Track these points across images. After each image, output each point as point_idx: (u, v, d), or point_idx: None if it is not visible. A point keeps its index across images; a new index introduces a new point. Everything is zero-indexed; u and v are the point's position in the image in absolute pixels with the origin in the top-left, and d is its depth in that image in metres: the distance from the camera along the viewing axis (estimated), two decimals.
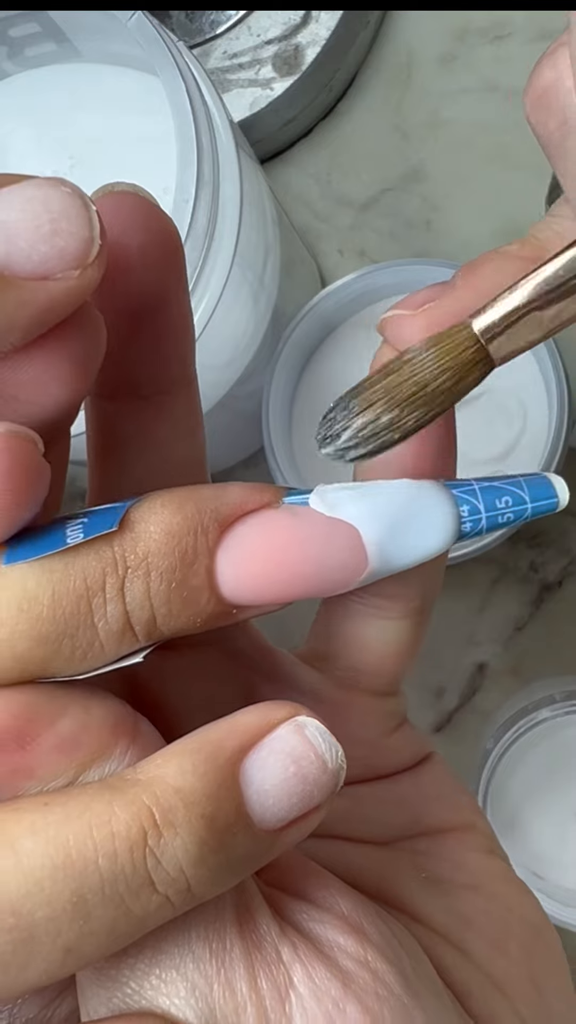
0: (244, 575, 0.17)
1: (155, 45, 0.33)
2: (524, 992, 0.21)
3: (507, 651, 0.49)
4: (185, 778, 0.16)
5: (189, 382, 0.20)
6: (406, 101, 0.51)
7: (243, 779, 0.16)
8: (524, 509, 0.18)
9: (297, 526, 0.17)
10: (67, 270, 0.15)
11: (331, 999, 0.17)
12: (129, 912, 0.15)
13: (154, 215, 0.17)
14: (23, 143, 0.41)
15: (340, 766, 0.17)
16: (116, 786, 0.16)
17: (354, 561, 0.17)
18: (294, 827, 0.17)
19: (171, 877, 0.15)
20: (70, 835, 0.15)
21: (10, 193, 0.15)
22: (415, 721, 0.43)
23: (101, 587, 0.16)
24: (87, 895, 0.15)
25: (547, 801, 0.46)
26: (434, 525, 0.18)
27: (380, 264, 0.45)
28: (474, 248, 0.49)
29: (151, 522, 0.16)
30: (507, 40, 0.50)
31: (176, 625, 0.16)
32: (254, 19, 0.47)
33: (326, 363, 0.47)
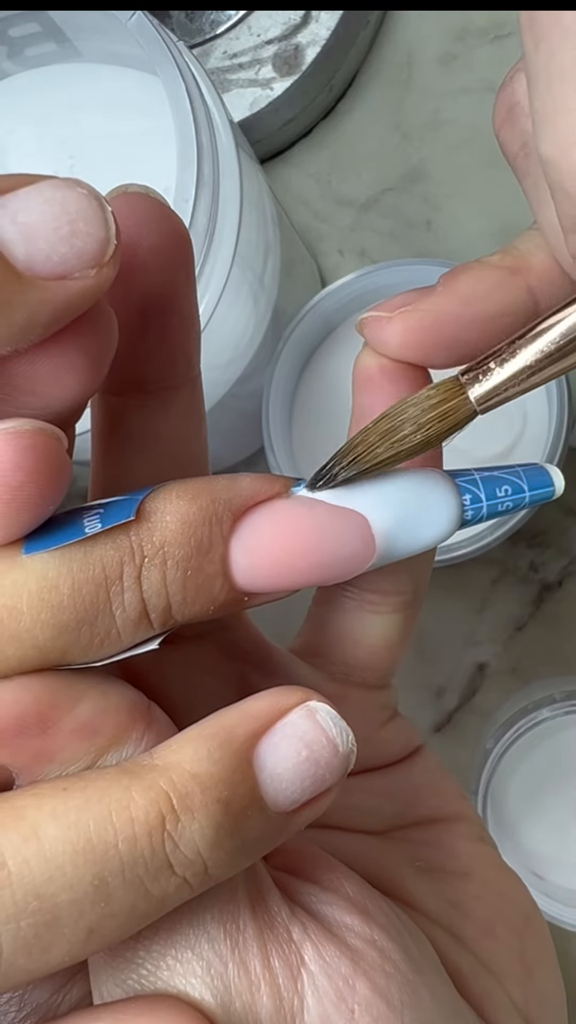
0: (257, 563, 0.17)
1: (155, 45, 0.33)
2: (514, 974, 0.22)
3: (507, 651, 0.49)
4: (201, 763, 0.16)
5: (194, 379, 0.21)
6: (406, 101, 0.51)
7: (257, 763, 0.17)
8: (522, 498, 0.19)
9: (308, 515, 0.17)
10: (84, 269, 0.15)
11: (341, 976, 0.18)
12: (149, 894, 0.16)
13: (166, 216, 0.18)
14: (23, 143, 0.41)
15: (351, 749, 0.17)
16: (134, 771, 0.16)
17: (364, 548, 0.18)
18: (306, 809, 0.17)
19: (189, 860, 0.16)
20: (90, 820, 0.15)
21: (28, 194, 0.15)
22: (415, 721, 0.43)
23: (119, 576, 0.16)
24: (108, 878, 0.15)
25: (547, 801, 0.46)
26: (438, 514, 0.18)
27: (380, 264, 0.45)
28: (474, 248, 0.49)
29: (167, 512, 0.17)
30: (507, 40, 0.50)
31: (190, 612, 0.17)
32: (254, 19, 0.47)
33: (326, 363, 0.47)
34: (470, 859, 0.24)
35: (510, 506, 0.19)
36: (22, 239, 0.15)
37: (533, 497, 0.19)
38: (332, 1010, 0.17)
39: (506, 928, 0.23)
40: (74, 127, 0.40)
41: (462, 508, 0.18)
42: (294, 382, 0.47)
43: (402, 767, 0.25)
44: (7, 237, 0.15)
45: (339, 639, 0.23)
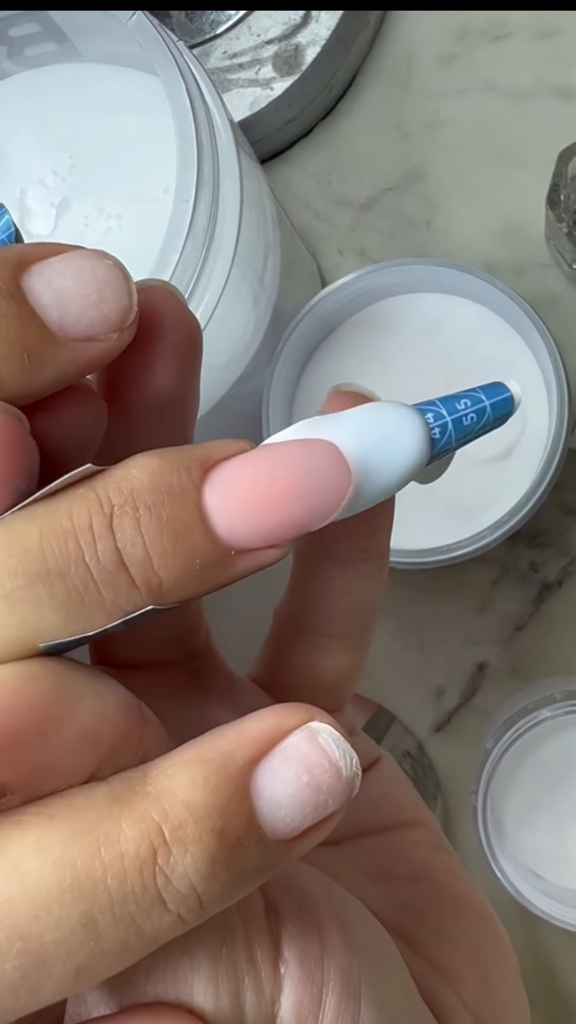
0: (234, 504, 0.16)
1: (155, 45, 0.33)
2: (467, 979, 0.22)
3: (507, 651, 0.49)
4: (195, 791, 0.15)
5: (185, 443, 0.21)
6: (406, 101, 0.51)
7: (255, 790, 0.16)
8: (483, 408, 0.19)
9: (277, 451, 0.17)
10: (109, 332, 0.17)
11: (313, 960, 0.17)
12: (140, 931, 0.15)
13: (181, 318, 0.19)
14: (23, 143, 0.41)
15: (355, 773, 0.17)
16: (125, 799, 0.15)
17: (338, 472, 0.17)
18: (307, 836, 0.16)
19: (182, 895, 0.15)
20: (77, 855, 0.15)
21: (60, 263, 0.16)
22: (415, 721, 0.43)
23: (88, 525, 0.15)
24: (97, 916, 0.15)
25: (547, 801, 0.46)
26: (405, 433, 0.18)
27: (380, 264, 0.45)
28: (474, 248, 0.49)
29: (133, 466, 0.16)
30: (507, 40, 0.50)
31: (175, 569, 0.16)
32: (254, 19, 0.47)
33: (326, 363, 0.47)
34: (423, 865, 0.24)
35: (474, 419, 0.19)
36: (56, 304, 0.16)
37: (494, 405, 0.19)
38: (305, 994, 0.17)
39: (459, 933, 0.23)
40: (74, 127, 0.40)
41: (427, 425, 0.18)
42: (294, 382, 0.47)
43: None
44: (43, 301, 0.16)
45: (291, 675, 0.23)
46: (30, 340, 0.16)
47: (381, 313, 0.46)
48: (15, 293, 0.16)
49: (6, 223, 0.18)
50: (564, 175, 0.43)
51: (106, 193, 0.39)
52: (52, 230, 0.40)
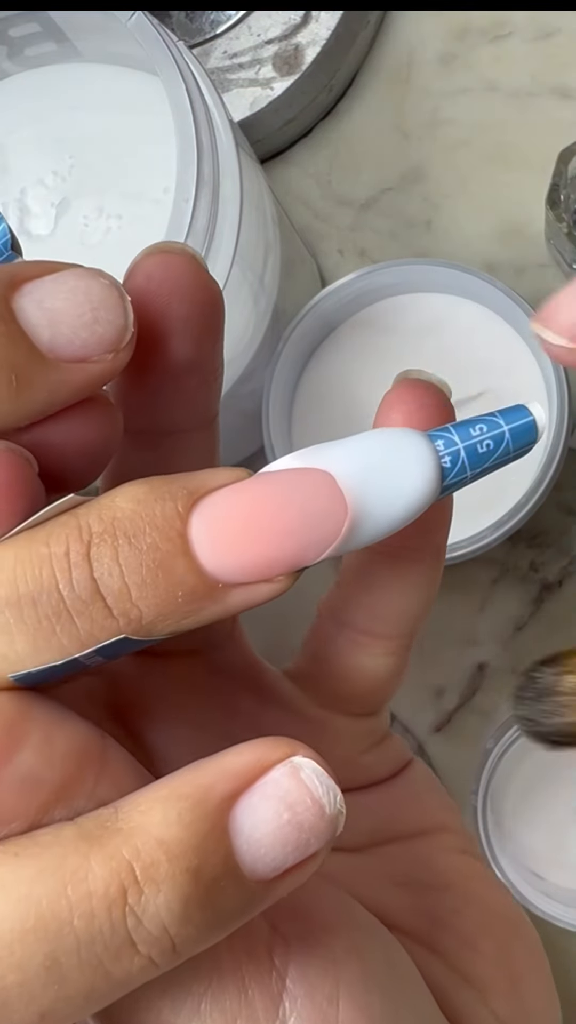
0: (221, 535, 0.15)
1: (155, 45, 0.33)
2: (500, 989, 0.21)
3: (507, 651, 0.49)
4: (170, 828, 0.15)
5: (211, 420, 0.20)
6: (406, 101, 0.51)
7: (233, 827, 0.15)
8: (501, 434, 0.17)
9: (269, 481, 0.16)
10: (103, 354, 0.16)
11: (325, 997, 0.17)
12: (108, 975, 0.14)
13: (201, 282, 0.18)
14: (23, 143, 0.41)
15: (339, 811, 0.16)
16: (94, 836, 0.15)
17: (332, 504, 0.16)
18: (289, 876, 0.16)
19: (153, 937, 0.14)
20: (43, 894, 0.14)
21: (54, 282, 0.16)
22: (415, 721, 0.43)
23: (65, 552, 0.15)
24: (61, 958, 0.14)
25: (547, 801, 0.46)
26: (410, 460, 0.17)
27: (380, 264, 0.45)
28: (474, 248, 0.49)
29: (117, 494, 0.16)
30: (507, 40, 0.50)
31: (155, 601, 0.15)
32: (254, 19, 0.47)
33: (326, 363, 0.47)
34: (451, 872, 0.23)
35: (491, 446, 0.17)
36: (47, 324, 0.16)
37: (515, 433, 0.17)
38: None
39: (490, 941, 0.22)
40: (74, 127, 0.40)
41: (437, 454, 0.17)
42: (294, 382, 0.47)
43: (385, 785, 0.24)
44: (34, 322, 0.16)
45: (329, 672, 0.23)
46: (19, 361, 0.16)
47: (381, 313, 0.46)
48: (4, 313, 0.16)
49: (2, 230, 0.18)
50: (564, 175, 0.43)
51: (106, 193, 0.39)
52: (52, 230, 0.40)
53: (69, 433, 0.17)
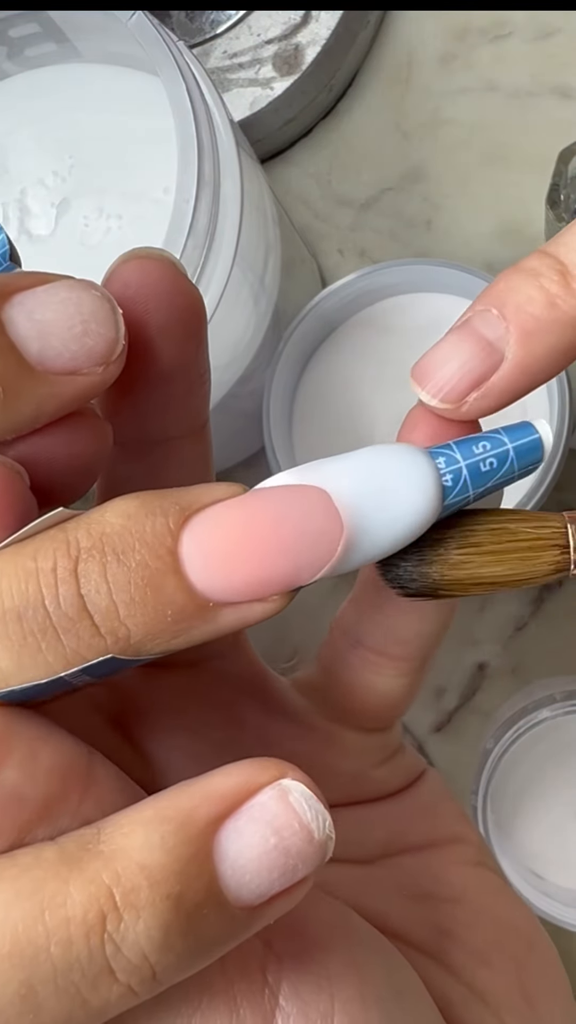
0: (212, 553, 0.15)
1: (155, 45, 0.33)
2: (512, 1004, 0.21)
3: (507, 651, 0.49)
4: (152, 853, 0.14)
5: (202, 427, 0.20)
6: (406, 101, 0.51)
7: (217, 852, 0.15)
8: (505, 452, 0.17)
9: (263, 498, 0.16)
10: (93, 366, 0.16)
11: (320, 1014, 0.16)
12: (86, 1003, 0.14)
13: (179, 287, 0.18)
14: (23, 143, 0.41)
15: (328, 836, 0.15)
16: (75, 859, 0.14)
17: (328, 522, 0.16)
18: (276, 902, 0.15)
19: (133, 965, 0.14)
20: (19, 919, 0.13)
21: (45, 293, 0.16)
22: (415, 721, 0.43)
23: (52, 568, 0.15)
24: (37, 986, 0.13)
25: (547, 801, 0.46)
26: (410, 479, 0.16)
27: (380, 264, 0.45)
28: (474, 248, 0.49)
29: (107, 510, 0.15)
30: (507, 40, 0.50)
31: (144, 619, 0.15)
32: (254, 19, 0.47)
33: (327, 363, 0.47)
34: (463, 884, 0.22)
35: (494, 464, 0.17)
36: (37, 336, 0.16)
37: (517, 449, 0.17)
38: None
39: (503, 956, 0.21)
40: (74, 127, 0.40)
41: (437, 471, 0.16)
42: (294, 382, 0.47)
43: (395, 796, 0.24)
44: (23, 333, 0.15)
45: (339, 687, 0.22)
46: (6, 373, 0.15)
47: (381, 313, 0.46)
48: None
49: (1, 240, 0.18)
50: (564, 175, 0.43)
51: (106, 193, 0.39)
52: (52, 230, 0.40)
53: (57, 447, 0.17)
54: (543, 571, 0.18)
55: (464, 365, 0.18)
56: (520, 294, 0.18)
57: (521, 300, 0.18)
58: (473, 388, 0.18)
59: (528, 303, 0.18)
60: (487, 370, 0.18)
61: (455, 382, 0.18)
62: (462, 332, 0.18)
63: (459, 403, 0.18)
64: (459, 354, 0.18)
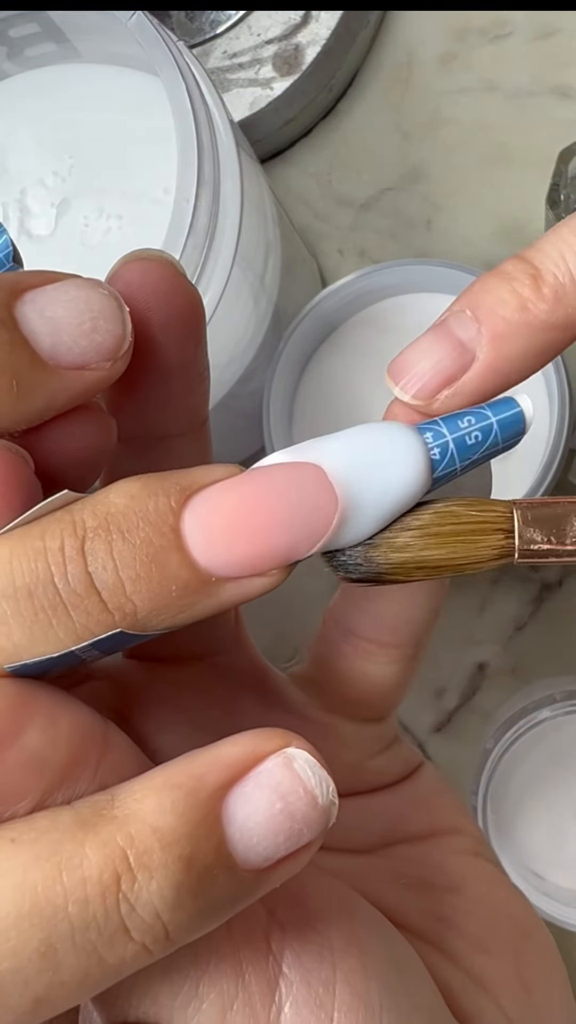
0: (213, 529, 0.16)
1: (155, 45, 0.33)
2: (510, 990, 0.21)
3: (507, 651, 0.49)
4: (164, 817, 0.15)
5: (201, 424, 0.21)
6: (406, 101, 0.51)
7: (225, 817, 0.15)
8: (489, 426, 0.18)
9: (261, 476, 0.16)
10: (101, 362, 0.17)
11: (321, 982, 0.17)
12: (102, 961, 0.14)
13: (178, 287, 0.18)
14: (23, 143, 0.41)
15: (331, 801, 0.16)
16: (90, 823, 0.15)
17: (323, 496, 0.16)
18: (282, 866, 0.16)
19: (147, 923, 0.15)
20: (38, 880, 0.14)
21: (55, 291, 0.16)
22: (415, 721, 0.43)
23: (60, 547, 0.15)
24: (56, 944, 0.14)
25: (547, 801, 0.46)
26: (399, 454, 0.17)
27: (380, 264, 0.45)
28: (474, 248, 0.49)
29: (111, 491, 0.16)
30: (507, 40, 0.50)
31: (149, 595, 0.15)
32: (254, 19, 0.47)
33: (327, 363, 0.47)
34: (461, 873, 0.23)
35: (479, 438, 0.17)
36: (48, 332, 0.16)
37: (501, 423, 0.18)
38: (311, 1018, 0.17)
39: (501, 944, 0.22)
40: (74, 127, 0.40)
41: (425, 446, 0.17)
42: (294, 382, 0.47)
43: (394, 787, 0.24)
44: (35, 329, 0.16)
45: (334, 678, 0.23)
46: (20, 367, 0.16)
47: (381, 313, 0.46)
48: (7, 320, 0.16)
49: (4, 242, 0.18)
50: (564, 175, 0.43)
51: (106, 193, 0.39)
52: (52, 230, 0.40)
53: (64, 439, 0.17)
54: (486, 555, 0.18)
55: (437, 364, 0.19)
56: (493, 297, 0.19)
57: (494, 303, 0.19)
58: (444, 386, 0.19)
59: (500, 306, 0.19)
60: (458, 369, 0.19)
61: (426, 380, 0.19)
62: (437, 332, 0.19)
63: (430, 400, 0.19)
64: (433, 353, 0.19)
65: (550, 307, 0.18)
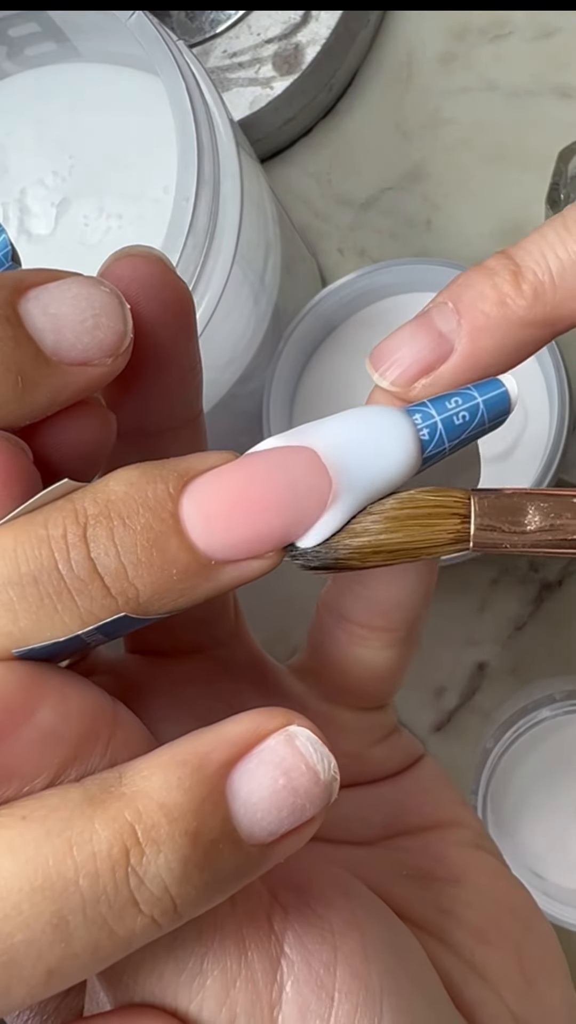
0: (211, 514, 0.16)
1: (155, 44, 0.33)
2: (511, 982, 0.21)
3: (507, 651, 0.49)
4: (170, 793, 0.15)
5: (196, 418, 0.21)
6: (406, 100, 0.51)
7: (230, 792, 0.16)
8: (476, 406, 0.18)
9: (256, 461, 0.17)
10: (103, 358, 0.17)
11: (322, 963, 0.17)
12: (113, 933, 0.15)
13: (167, 283, 0.19)
14: (23, 143, 0.41)
15: (333, 777, 0.16)
16: (98, 799, 0.15)
17: (317, 477, 0.17)
18: (286, 840, 0.16)
19: (155, 896, 0.15)
20: (49, 855, 0.14)
21: (58, 289, 0.17)
22: (415, 721, 0.43)
23: (63, 534, 0.16)
24: (68, 917, 0.14)
25: (547, 801, 0.46)
26: (391, 435, 0.18)
27: (380, 264, 0.45)
28: (474, 248, 0.49)
29: (111, 479, 0.16)
30: (507, 39, 0.50)
31: (151, 579, 0.16)
32: (254, 18, 0.47)
33: (327, 362, 0.47)
34: (462, 865, 0.23)
35: (467, 417, 0.18)
36: (52, 329, 0.17)
37: (487, 403, 0.18)
38: (312, 998, 0.17)
39: (502, 935, 0.22)
40: (74, 127, 0.40)
41: (415, 427, 0.18)
42: (294, 382, 0.47)
43: (395, 779, 0.25)
44: (39, 326, 0.17)
45: (331, 666, 0.23)
46: (24, 363, 0.16)
47: (381, 313, 0.46)
48: (12, 317, 0.16)
49: (3, 241, 0.19)
50: (564, 174, 0.43)
51: (106, 193, 0.39)
52: (52, 230, 0.40)
53: (66, 434, 0.18)
54: (442, 539, 0.18)
55: (416, 353, 0.20)
56: (474, 291, 0.19)
57: (474, 297, 0.19)
58: (423, 375, 0.19)
59: (480, 300, 0.19)
60: (437, 359, 0.19)
61: (405, 368, 0.20)
62: (419, 322, 0.20)
63: (408, 388, 0.20)
64: (413, 342, 0.20)
65: (528, 304, 0.19)
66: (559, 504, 0.18)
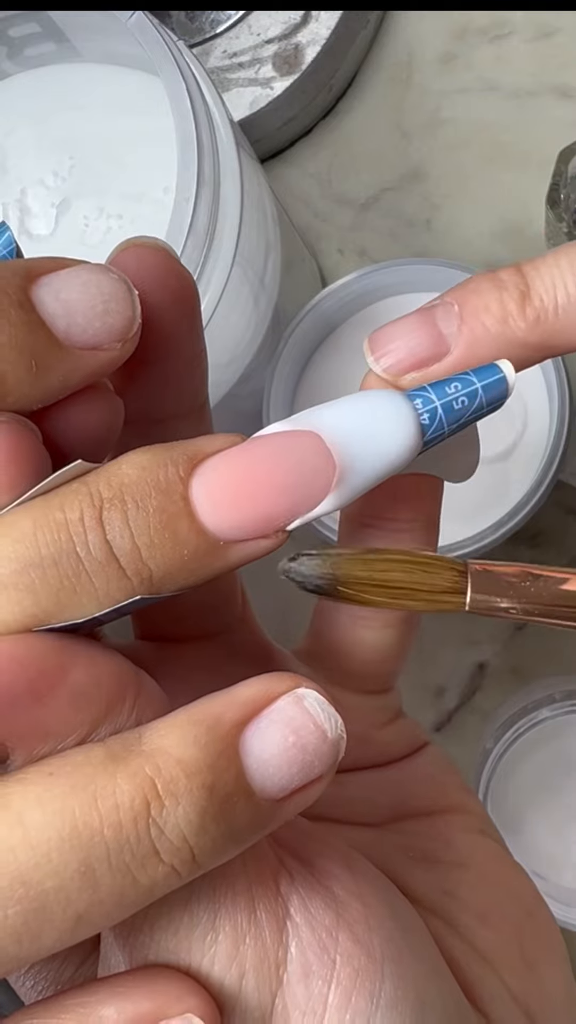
0: (219, 495, 0.17)
1: (155, 45, 0.33)
2: (512, 965, 0.22)
3: (507, 651, 0.49)
4: (187, 749, 0.16)
5: (201, 407, 0.22)
6: (406, 100, 0.51)
7: (243, 749, 0.17)
8: (475, 390, 0.19)
9: (262, 444, 0.17)
10: (113, 343, 0.18)
11: (324, 928, 0.18)
12: (136, 881, 0.16)
13: (172, 272, 0.19)
14: (23, 143, 0.41)
15: (340, 735, 0.17)
16: (119, 756, 0.16)
17: (322, 461, 0.17)
18: (297, 796, 0.17)
19: (175, 846, 0.16)
20: (75, 806, 0.15)
21: (68, 275, 0.17)
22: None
23: (79, 518, 0.16)
24: (94, 864, 0.15)
25: (547, 801, 0.46)
26: (393, 419, 0.18)
27: (380, 264, 0.45)
28: (474, 248, 0.49)
29: (123, 462, 0.17)
30: (507, 39, 0.50)
31: (164, 559, 0.17)
32: (254, 18, 0.47)
33: (327, 362, 0.47)
34: (468, 850, 0.24)
35: (466, 402, 0.19)
36: (64, 314, 0.17)
37: (486, 388, 0.19)
38: (314, 960, 0.18)
39: (504, 919, 0.23)
40: (74, 127, 0.40)
41: (415, 411, 0.18)
42: (294, 382, 0.47)
43: (401, 763, 0.25)
44: (51, 311, 0.17)
45: (333, 648, 0.24)
46: (38, 347, 0.17)
47: (381, 313, 0.46)
48: (25, 303, 0.17)
49: (7, 239, 0.19)
50: (564, 175, 0.43)
51: (106, 193, 0.39)
52: (52, 230, 0.40)
53: (76, 417, 0.18)
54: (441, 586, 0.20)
55: (413, 348, 0.20)
56: (481, 301, 0.20)
57: (479, 307, 0.20)
58: (414, 369, 0.20)
59: (484, 312, 0.20)
60: (431, 357, 0.20)
61: (400, 358, 0.20)
62: (422, 317, 0.20)
63: (398, 377, 0.20)
64: (413, 336, 0.20)
65: (528, 327, 0.20)
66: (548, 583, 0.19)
